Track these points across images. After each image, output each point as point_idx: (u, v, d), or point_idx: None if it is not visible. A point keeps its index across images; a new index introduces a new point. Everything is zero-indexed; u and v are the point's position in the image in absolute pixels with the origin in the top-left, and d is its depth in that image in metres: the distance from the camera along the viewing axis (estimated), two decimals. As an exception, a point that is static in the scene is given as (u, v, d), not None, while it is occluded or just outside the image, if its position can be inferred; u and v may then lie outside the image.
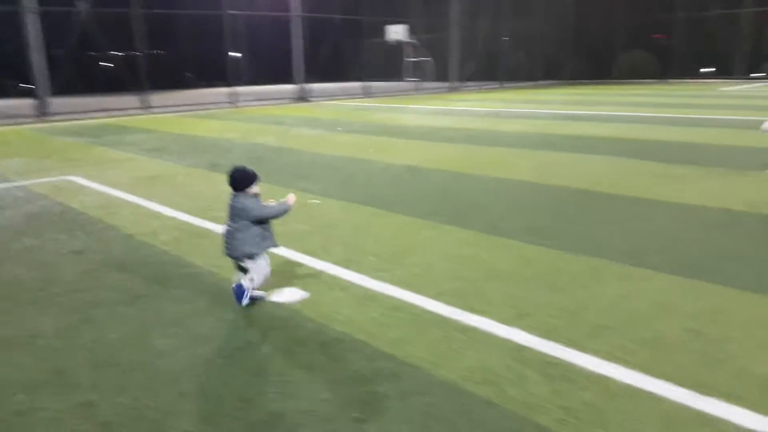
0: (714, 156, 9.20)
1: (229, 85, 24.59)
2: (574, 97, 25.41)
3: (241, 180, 3.89)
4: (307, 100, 26.65)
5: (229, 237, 3.87)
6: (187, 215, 6.36)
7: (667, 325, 3.52)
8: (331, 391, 2.92)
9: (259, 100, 26.10)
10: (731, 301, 3.81)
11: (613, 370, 3.04)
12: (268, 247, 3.97)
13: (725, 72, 36.55)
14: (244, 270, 3.92)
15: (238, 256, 3.87)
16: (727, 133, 11.95)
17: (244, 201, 3.84)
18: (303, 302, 4.00)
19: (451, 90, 33.78)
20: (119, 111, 20.35)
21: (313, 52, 28.13)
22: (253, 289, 3.89)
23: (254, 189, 3.92)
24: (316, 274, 4.54)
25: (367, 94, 29.75)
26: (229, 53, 25.08)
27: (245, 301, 3.88)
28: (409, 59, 41.38)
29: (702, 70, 37.41)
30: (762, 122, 8.19)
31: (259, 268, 3.88)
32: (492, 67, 38.96)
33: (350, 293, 4.16)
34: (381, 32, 36.68)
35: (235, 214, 3.85)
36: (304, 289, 4.22)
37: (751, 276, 4.22)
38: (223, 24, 23.74)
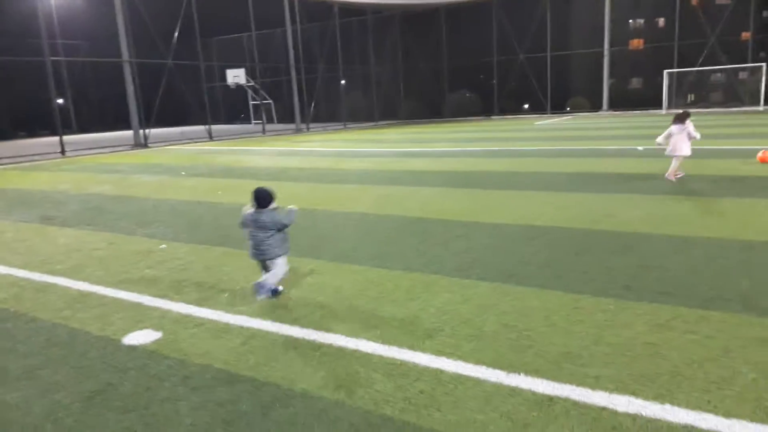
0: (527, 181, 10.58)
1: (56, 134, 22.89)
2: (410, 135, 27.27)
3: (265, 199, 4.80)
4: (147, 146, 25.64)
5: (260, 244, 4.76)
6: (25, 271, 6.02)
7: (486, 323, 4.16)
8: (195, 416, 3.10)
9: (93, 148, 24.62)
10: (536, 299, 4.58)
11: (444, 363, 3.57)
12: (288, 249, 4.93)
13: (539, 108, 41.54)
14: (267, 269, 4.84)
15: (272, 257, 4.80)
16: (541, 161, 13.71)
17: (274, 214, 4.80)
18: (157, 342, 4.09)
19: (297, 131, 34.42)
20: None
21: (150, 97, 27.26)
22: (275, 284, 4.83)
23: (273, 204, 4.85)
24: (169, 315, 4.62)
25: (212, 137, 29.32)
26: (56, 101, 23.42)
27: (264, 295, 4.77)
28: (252, 102, 41.56)
29: (524, 106, 42.20)
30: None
31: (282, 267, 4.87)
32: (335, 109, 40.44)
33: (206, 328, 4.32)
34: (223, 76, 36.53)
35: (265, 226, 4.74)
36: (157, 329, 4.31)
37: (552, 277, 5.08)
38: (46, 71, 22.17)
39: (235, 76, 33.85)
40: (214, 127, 30.96)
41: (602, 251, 5.77)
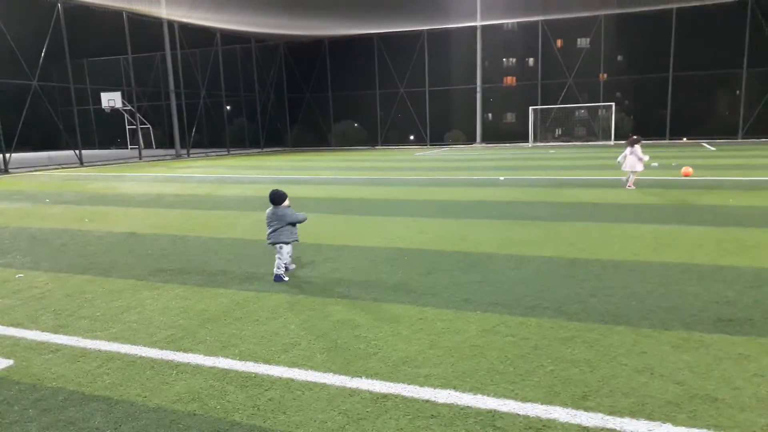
0: (399, 208, 11.23)
1: None
2: (295, 163, 27.54)
3: (279, 197, 6.15)
4: (8, 172, 23.80)
5: (274, 233, 6.10)
6: None
7: (341, 336, 4.54)
8: (43, 435, 3.18)
9: (-59, 173, 22.45)
10: (388, 312, 5.03)
11: (295, 373, 3.89)
12: (295, 239, 6.23)
13: (420, 139, 43.48)
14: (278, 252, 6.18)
15: (280, 242, 6.10)
16: (414, 189, 14.52)
17: (285, 210, 6.15)
18: (8, 369, 4.06)
19: (177, 157, 33.45)
20: None
21: (12, 119, 25.40)
22: (283, 268, 6.18)
23: (287, 202, 6.18)
24: (22, 343, 4.56)
25: (82, 163, 27.75)
26: None
27: (285, 279, 6.16)
28: (129, 127, 39.89)
29: (411, 137, 43.92)
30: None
31: (285, 252, 6.17)
32: (219, 135, 39.77)
33: (61, 354, 4.33)
34: (97, 99, 34.84)
35: (278, 218, 6.10)
36: (8, 357, 4.26)
37: (404, 293, 5.59)
38: None
39: (110, 99, 32.37)
40: (87, 152, 29.40)
41: (451, 269, 6.40)
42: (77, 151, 28.18)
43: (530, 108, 38.70)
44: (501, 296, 5.35)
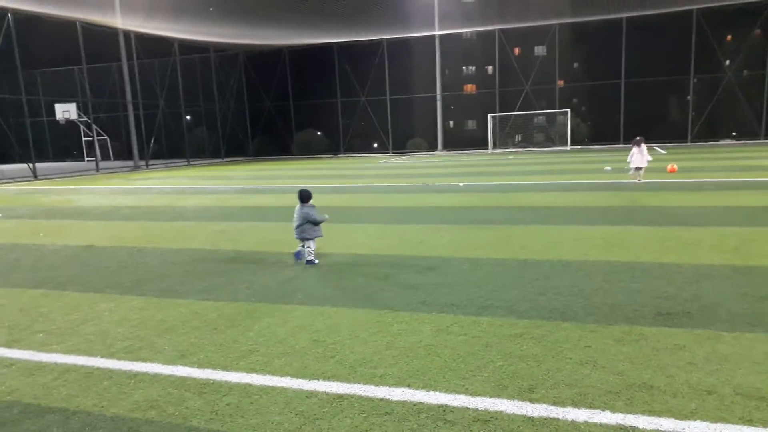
0: (360, 215, 11.35)
1: None
2: (255, 172, 27.40)
3: (307, 196, 7.21)
4: (-44, 187, 23.02)
5: (299, 229, 7.06)
6: None
7: (299, 340, 4.63)
8: (-2, 448, 3.18)
9: None
10: (346, 317, 5.14)
11: (253, 378, 3.96)
12: (318, 235, 7.20)
13: (383, 147, 43.79)
14: (304, 246, 7.16)
15: (305, 238, 7.07)
16: (375, 197, 14.67)
17: (309, 209, 7.10)
18: (-39, 385, 4.01)
19: (136, 169, 32.87)
20: None
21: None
22: (312, 255, 7.18)
23: (311, 201, 7.18)
24: (-24, 358, 4.51)
25: (36, 176, 27.03)
26: None
27: (309, 258, 7.18)
28: (85, 139, 39.05)
29: (374, 145, 44.16)
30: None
31: (312, 246, 7.15)
32: (178, 146, 39.25)
33: (15, 368, 4.30)
34: (51, 110, 34.00)
35: (304, 216, 7.01)
36: (-39, 373, 4.21)
37: (362, 298, 5.70)
38: None
39: (65, 111, 31.62)
40: (41, 165, 28.64)
41: (409, 273, 6.56)
42: (31, 165, 27.44)
43: (489, 115, 39.41)
44: (455, 297, 5.53)
